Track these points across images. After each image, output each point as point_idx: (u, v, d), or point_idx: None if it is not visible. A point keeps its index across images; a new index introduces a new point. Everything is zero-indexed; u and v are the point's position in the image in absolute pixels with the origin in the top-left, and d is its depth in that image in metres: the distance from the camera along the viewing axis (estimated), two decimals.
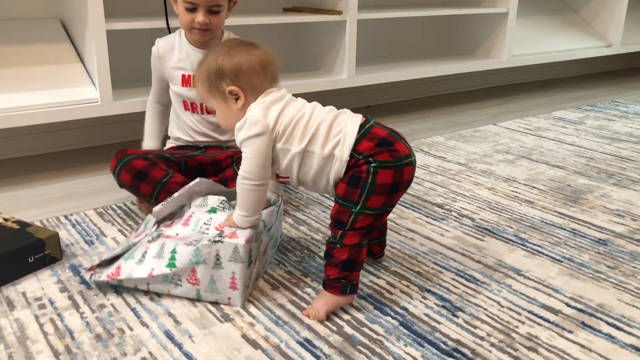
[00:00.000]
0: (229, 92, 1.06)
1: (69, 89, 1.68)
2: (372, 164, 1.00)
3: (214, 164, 1.48)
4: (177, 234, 1.11)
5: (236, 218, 1.07)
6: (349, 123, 1.03)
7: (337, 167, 1.03)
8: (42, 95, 1.64)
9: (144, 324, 1.02)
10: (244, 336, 0.99)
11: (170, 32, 1.65)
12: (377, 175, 1.00)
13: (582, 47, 3.02)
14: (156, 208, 1.16)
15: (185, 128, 1.50)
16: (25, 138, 1.93)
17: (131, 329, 1.01)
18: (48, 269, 1.19)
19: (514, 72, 3.23)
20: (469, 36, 2.80)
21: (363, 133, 1.02)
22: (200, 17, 1.36)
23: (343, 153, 1.02)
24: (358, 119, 1.05)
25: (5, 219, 1.27)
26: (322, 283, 1.06)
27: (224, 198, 1.18)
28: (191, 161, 1.47)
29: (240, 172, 1.04)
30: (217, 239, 1.04)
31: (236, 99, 1.06)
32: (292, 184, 1.10)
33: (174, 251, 1.06)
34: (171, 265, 1.06)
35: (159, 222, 1.18)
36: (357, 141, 1.01)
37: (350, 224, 1.02)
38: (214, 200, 1.17)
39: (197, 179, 1.19)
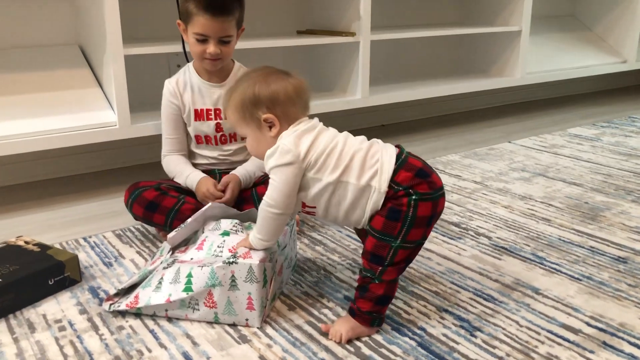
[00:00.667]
0: (264, 119, 1.04)
1: (88, 113, 1.71)
2: (413, 197, 0.99)
3: None
4: (191, 259, 1.12)
5: (252, 239, 1.07)
6: (385, 153, 1.02)
7: (375, 199, 1.01)
8: (62, 120, 1.67)
9: (162, 345, 1.03)
10: (262, 357, 0.99)
11: (187, 57, 1.67)
12: (418, 208, 0.99)
13: (597, 63, 3.01)
14: (171, 234, 1.17)
15: (199, 156, 1.52)
16: (45, 162, 1.96)
17: (149, 351, 1.01)
18: (67, 291, 1.21)
19: (529, 89, 3.22)
20: (483, 55, 2.80)
21: (400, 163, 1.01)
22: (211, 47, 1.38)
23: (381, 184, 1.00)
24: (393, 149, 1.04)
25: (26, 242, 1.29)
26: (350, 310, 1.05)
27: (236, 221, 1.19)
28: None
29: (264, 198, 1.03)
30: (231, 260, 1.05)
31: (270, 127, 1.05)
32: (319, 215, 1.07)
33: (189, 275, 1.07)
34: (188, 289, 1.07)
35: (173, 249, 1.19)
36: (395, 172, 1.00)
37: (390, 259, 1.01)
38: (226, 223, 1.18)
39: (210, 203, 1.21)
